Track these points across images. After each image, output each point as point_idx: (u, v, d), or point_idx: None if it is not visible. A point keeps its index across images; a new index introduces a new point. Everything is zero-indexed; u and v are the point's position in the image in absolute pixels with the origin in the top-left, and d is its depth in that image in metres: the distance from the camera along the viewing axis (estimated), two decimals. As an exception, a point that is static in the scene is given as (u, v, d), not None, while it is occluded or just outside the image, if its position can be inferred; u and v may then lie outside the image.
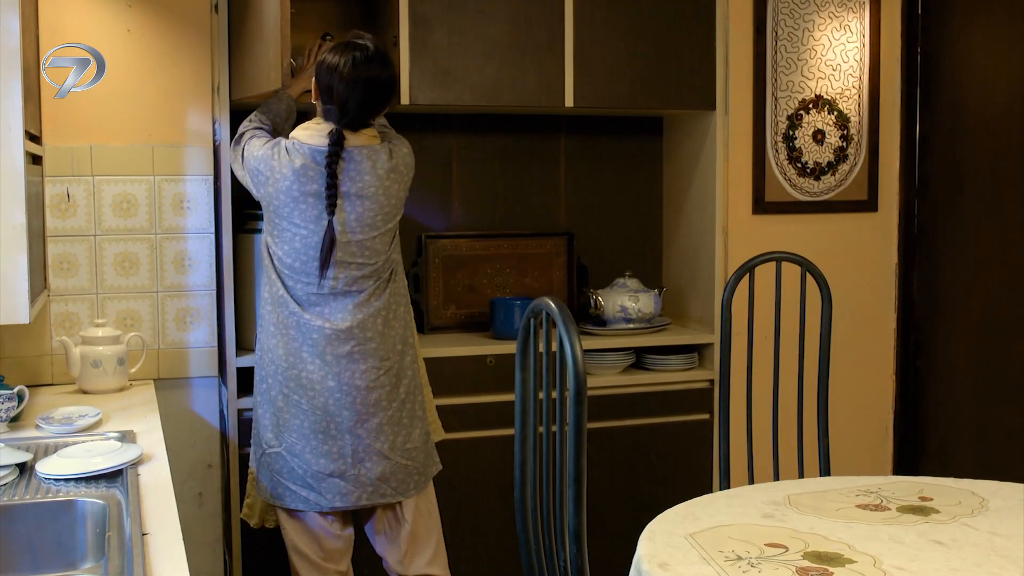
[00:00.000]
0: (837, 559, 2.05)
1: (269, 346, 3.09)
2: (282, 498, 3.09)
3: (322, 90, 3.04)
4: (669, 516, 2.32)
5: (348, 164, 3.00)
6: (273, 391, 3.07)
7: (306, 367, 3.03)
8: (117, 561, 1.84)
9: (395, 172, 3.08)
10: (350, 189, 3.00)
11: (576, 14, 3.84)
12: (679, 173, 4.35)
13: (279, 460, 3.08)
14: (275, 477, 3.09)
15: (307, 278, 3.02)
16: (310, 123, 3.07)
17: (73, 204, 3.46)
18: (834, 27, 4.34)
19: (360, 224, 3.03)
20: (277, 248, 3.04)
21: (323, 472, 3.04)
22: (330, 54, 3.03)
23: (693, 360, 4.10)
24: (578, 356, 2.21)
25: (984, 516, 2.33)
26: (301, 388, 3.03)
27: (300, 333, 3.03)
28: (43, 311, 3.41)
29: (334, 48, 3.04)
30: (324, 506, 3.07)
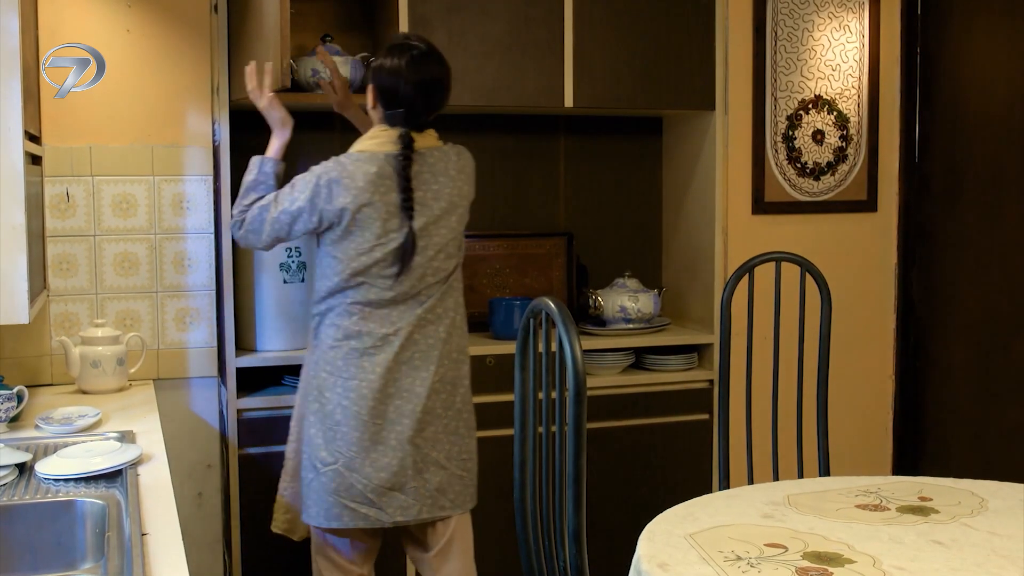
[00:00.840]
0: (837, 559, 2.05)
1: (326, 359, 3.00)
2: (339, 518, 2.98)
3: (385, 95, 2.99)
4: (669, 516, 2.32)
5: (420, 167, 2.98)
6: (329, 405, 2.98)
7: (367, 376, 2.96)
8: (117, 561, 1.84)
9: (463, 173, 3.08)
10: (425, 193, 2.98)
11: (576, 14, 3.84)
12: (679, 173, 4.35)
13: (336, 478, 2.97)
14: (330, 498, 2.98)
15: (378, 285, 2.96)
16: (373, 131, 3.02)
17: (73, 204, 3.46)
18: (833, 27, 4.34)
19: (436, 227, 3.00)
20: (344, 256, 2.96)
21: (383, 486, 2.97)
22: (386, 58, 2.99)
23: (693, 360, 4.10)
24: (577, 356, 2.21)
25: (984, 516, 2.33)
26: (361, 398, 2.96)
27: (361, 341, 2.98)
28: (43, 311, 3.41)
29: (388, 51, 3.00)
30: (386, 522, 2.99)
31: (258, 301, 3.62)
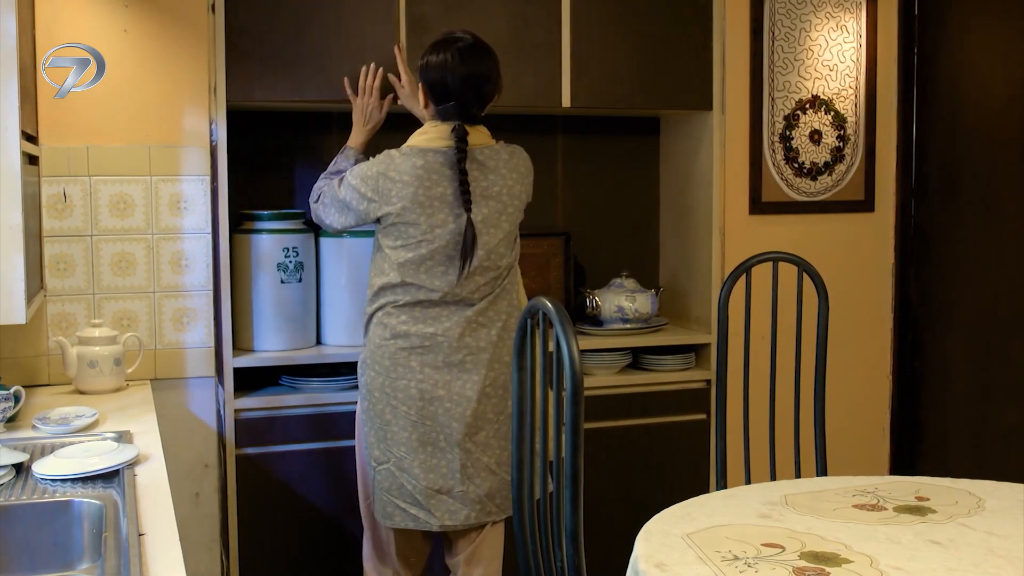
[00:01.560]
0: (834, 559, 2.05)
1: (375, 357, 3.03)
2: (391, 517, 3.04)
3: (435, 90, 3.04)
4: (666, 516, 2.32)
5: (470, 164, 3.01)
6: (379, 404, 3.01)
7: (414, 376, 2.98)
8: (114, 561, 1.84)
9: (516, 172, 3.11)
10: (475, 189, 2.99)
11: (573, 14, 3.84)
12: (676, 173, 4.35)
13: (389, 477, 3.02)
14: (384, 496, 3.03)
15: (431, 283, 2.98)
16: (425, 128, 3.08)
17: (70, 204, 3.46)
18: (831, 27, 4.34)
19: (486, 226, 3.01)
20: (392, 252, 3.00)
21: (432, 488, 2.99)
22: (432, 54, 3.04)
23: (690, 360, 4.10)
24: (575, 356, 2.21)
25: (981, 516, 2.33)
26: (409, 399, 2.98)
27: (408, 341, 2.99)
28: (40, 311, 3.41)
29: (434, 47, 3.05)
30: (434, 525, 3.01)
31: (256, 301, 3.62)
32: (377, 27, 3.64)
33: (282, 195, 3.97)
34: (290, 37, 3.54)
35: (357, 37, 3.62)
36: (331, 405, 3.58)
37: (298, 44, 3.55)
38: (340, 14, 3.59)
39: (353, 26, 3.62)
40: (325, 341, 3.77)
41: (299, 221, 3.72)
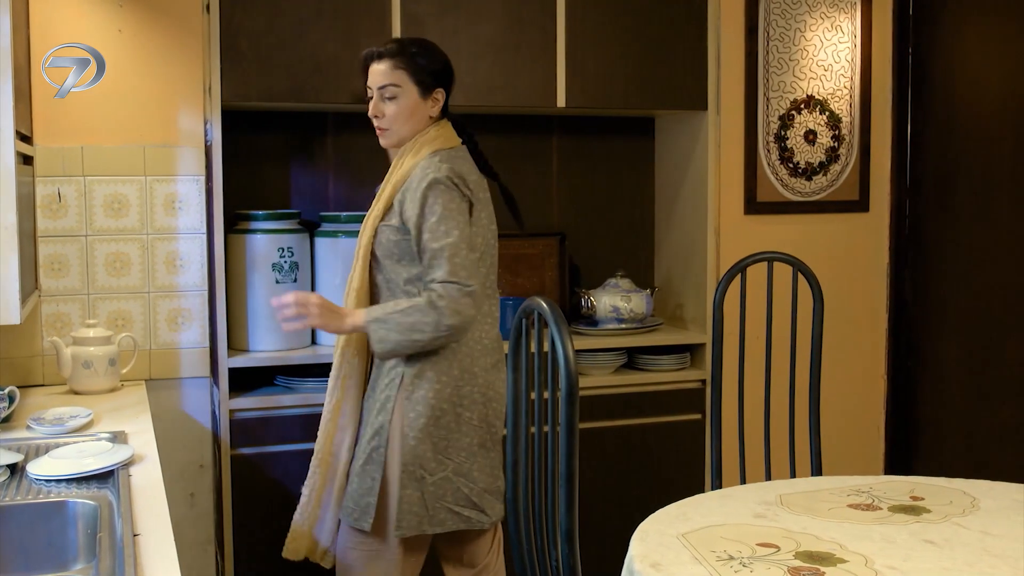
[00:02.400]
0: (829, 559, 2.05)
1: (441, 368, 2.92)
2: (442, 523, 2.93)
3: (446, 81, 3.07)
4: (661, 516, 2.32)
5: None
6: (446, 417, 2.91)
7: (476, 380, 2.95)
8: (108, 562, 1.84)
9: None
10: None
11: (568, 15, 3.84)
12: (671, 173, 4.35)
13: (443, 485, 2.92)
14: (435, 504, 2.92)
15: (483, 284, 2.97)
16: (442, 128, 3.04)
17: (64, 204, 3.45)
18: (826, 27, 4.35)
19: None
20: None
21: (486, 488, 2.97)
22: (440, 56, 3.06)
23: (685, 360, 4.11)
24: (570, 356, 2.21)
25: (975, 515, 2.33)
26: (474, 404, 2.94)
27: (467, 346, 2.95)
28: (34, 312, 3.40)
29: (433, 49, 3.05)
30: (486, 523, 2.98)
31: (251, 301, 3.62)
32: (372, 26, 3.63)
33: (277, 195, 3.97)
34: (285, 37, 3.54)
35: (352, 37, 3.62)
36: (326, 405, 3.58)
37: (293, 44, 3.55)
38: (335, 14, 3.59)
39: (348, 26, 3.61)
40: (320, 341, 3.77)
41: (294, 221, 3.72)
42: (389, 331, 2.83)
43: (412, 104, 2.98)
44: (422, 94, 2.99)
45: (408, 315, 2.83)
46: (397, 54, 2.97)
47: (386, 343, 2.84)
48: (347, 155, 4.06)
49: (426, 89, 2.99)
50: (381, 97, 2.98)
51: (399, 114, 2.97)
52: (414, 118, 2.99)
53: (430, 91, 3.00)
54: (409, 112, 2.98)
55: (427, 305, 2.82)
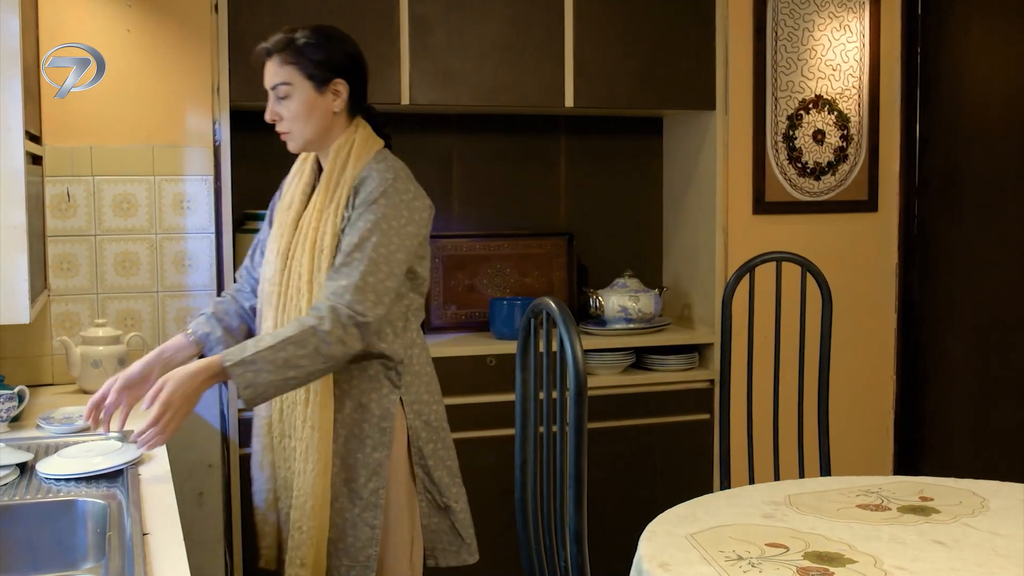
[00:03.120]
0: (838, 559, 2.05)
1: (433, 387, 2.77)
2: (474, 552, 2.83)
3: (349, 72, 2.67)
4: (669, 516, 2.32)
5: None
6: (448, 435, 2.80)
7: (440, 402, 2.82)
8: (118, 561, 1.84)
9: None
10: None
11: (576, 14, 3.84)
12: (679, 173, 4.35)
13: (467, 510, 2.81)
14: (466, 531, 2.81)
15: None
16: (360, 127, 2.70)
17: (73, 204, 3.46)
18: (834, 27, 4.34)
19: None
20: (423, 271, 2.72)
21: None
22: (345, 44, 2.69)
23: (693, 360, 4.10)
24: (579, 356, 2.21)
25: (985, 516, 2.33)
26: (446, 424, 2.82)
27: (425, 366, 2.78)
28: (43, 311, 3.41)
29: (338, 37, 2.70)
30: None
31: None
32: (379, 26, 3.64)
33: (285, 195, 3.97)
34: (293, 37, 3.54)
35: (359, 37, 3.61)
36: (334, 405, 3.58)
37: (301, 44, 3.55)
38: (342, 14, 3.59)
39: (355, 26, 3.61)
40: (328, 341, 3.76)
41: (302, 221, 3.72)
42: (259, 373, 2.39)
43: (308, 101, 2.61)
44: (317, 88, 2.62)
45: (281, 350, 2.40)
46: (284, 48, 2.63)
47: (255, 387, 2.39)
48: (355, 155, 4.06)
49: (320, 83, 2.61)
50: (275, 98, 2.63)
51: (297, 114, 2.61)
52: (314, 116, 2.62)
53: (326, 84, 2.62)
54: (307, 111, 2.61)
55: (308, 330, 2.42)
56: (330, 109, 2.63)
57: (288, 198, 2.72)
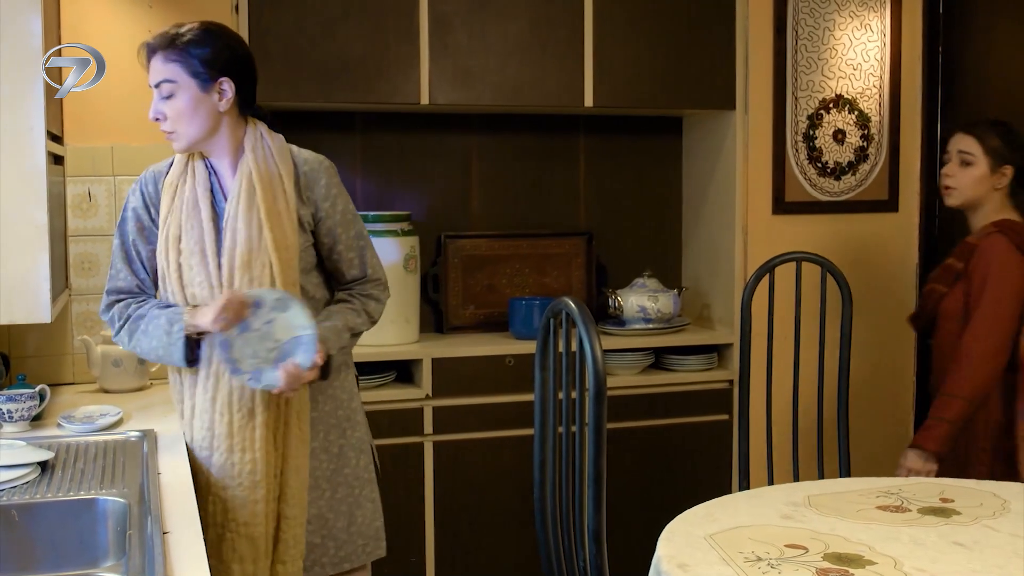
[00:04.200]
0: (857, 560, 2.04)
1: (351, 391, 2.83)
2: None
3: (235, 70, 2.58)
4: (688, 517, 2.32)
5: None
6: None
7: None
8: (138, 560, 1.85)
9: None
10: None
11: (596, 14, 3.84)
12: (699, 173, 4.35)
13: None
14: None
15: None
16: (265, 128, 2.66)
17: (94, 204, 3.48)
18: (855, 26, 4.32)
19: None
20: None
21: None
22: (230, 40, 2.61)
23: (712, 360, 4.10)
24: (598, 356, 2.21)
25: (1006, 518, 2.32)
26: None
27: None
28: (65, 310, 3.43)
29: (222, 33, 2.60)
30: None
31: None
32: (400, 26, 3.64)
33: (305, 195, 3.98)
34: (313, 37, 3.55)
35: (380, 37, 3.63)
36: (353, 404, 3.59)
37: (321, 44, 3.57)
38: (363, 14, 3.60)
39: (376, 26, 3.63)
40: (348, 340, 3.77)
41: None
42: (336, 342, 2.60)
43: (192, 100, 2.54)
44: (202, 87, 2.54)
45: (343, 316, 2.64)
46: (168, 46, 2.54)
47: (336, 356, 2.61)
48: (375, 154, 4.07)
49: (205, 81, 2.54)
50: (159, 96, 2.58)
51: (181, 113, 2.55)
52: (199, 115, 2.55)
53: (211, 83, 2.54)
54: (191, 110, 2.54)
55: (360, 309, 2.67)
56: (216, 108, 2.56)
57: (188, 202, 2.58)
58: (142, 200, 2.63)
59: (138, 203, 2.63)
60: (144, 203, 2.63)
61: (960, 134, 3.29)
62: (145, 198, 2.64)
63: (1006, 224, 3.18)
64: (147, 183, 2.65)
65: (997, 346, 3.08)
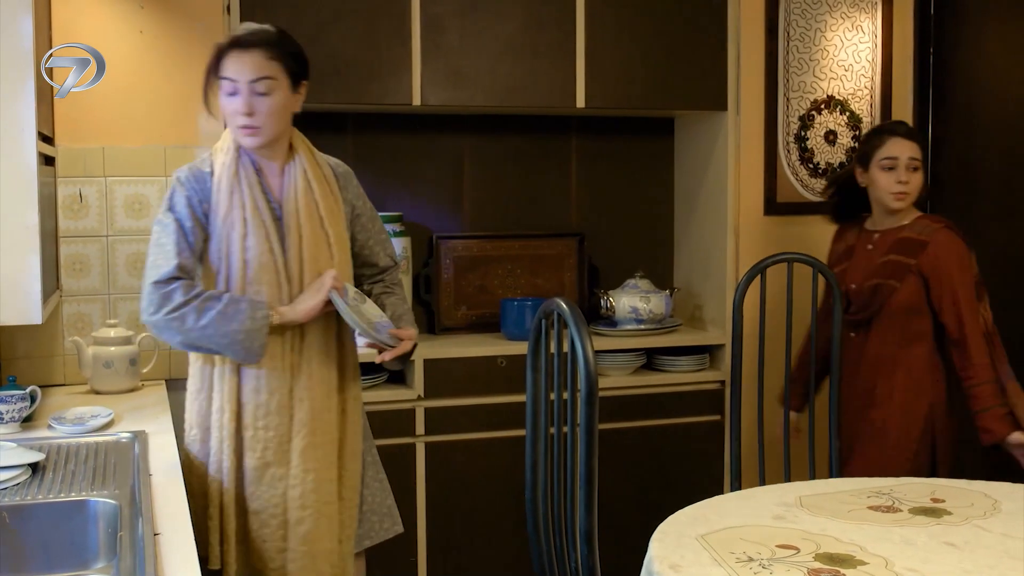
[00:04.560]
0: (849, 561, 2.04)
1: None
2: None
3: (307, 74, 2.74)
4: (680, 517, 2.32)
5: None
6: None
7: None
8: (129, 561, 1.85)
9: None
10: None
11: (588, 15, 3.84)
12: (690, 174, 4.35)
13: None
14: None
15: None
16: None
17: (85, 205, 3.47)
18: (846, 27, 4.33)
19: None
20: None
21: None
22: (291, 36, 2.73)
23: (704, 361, 4.10)
24: (589, 357, 2.21)
25: (996, 518, 2.32)
26: None
27: None
28: (56, 311, 3.42)
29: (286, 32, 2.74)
30: None
31: (270, 301, 3.62)
32: (392, 27, 3.64)
33: (297, 196, 3.97)
34: (305, 38, 3.54)
35: (372, 39, 3.63)
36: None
37: (314, 45, 3.55)
38: (355, 16, 3.60)
39: (368, 27, 3.62)
40: (339, 341, 3.77)
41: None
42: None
43: (284, 99, 2.62)
44: (292, 87, 2.65)
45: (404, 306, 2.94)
46: (273, 43, 2.63)
47: None
48: (367, 155, 4.07)
49: (295, 82, 2.65)
50: (253, 92, 2.57)
51: (273, 110, 2.60)
52: (285, 114, 2.65)
53: (298, 85, 2.68)
54: (282, 108, 2.62)
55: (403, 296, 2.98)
56: (294, 109, 2.68)
57: (249, 200, 2.62)
58: (193, 197, 2.63)
59: (189, 198, 2.63)
60: (196, 199, 2.63)
61: (902, 140, 3.41)
62: (194, 195, 2.63)
63: (940, 219, 3.42)
64: (191, 181, 2.65)
65: (980, 332, 3.31)
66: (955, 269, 3.28)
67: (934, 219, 3.42)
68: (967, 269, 3.31)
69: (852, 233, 3.55)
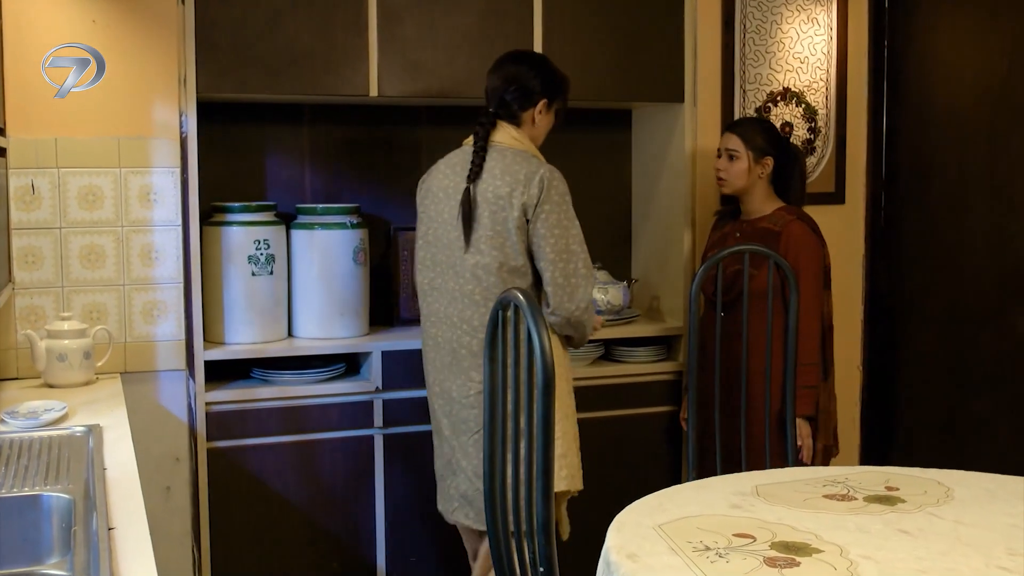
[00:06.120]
0: (804, 549, 2.06)
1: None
2: None
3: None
4: (638, 507, 2.33)
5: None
6: None
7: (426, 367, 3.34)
8: (83, 556, 1.83)
9: (507, 174, 3.23)
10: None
11: (545, 7, 3.83)
12: (648, 165, 4.36)
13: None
14: None
15: None
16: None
17: (38, 196, 3.43)
18: (802, 20, 4.36)
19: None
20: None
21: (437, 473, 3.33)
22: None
23: (662, 352, 4.11)
24: (546, 348, 2.21)
25: (949, 505, 2.35)
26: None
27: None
28: (8, 304, 3.38)
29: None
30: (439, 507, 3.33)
31: (226, 293, 3.60)
32: (348, 18, 3.62)
33: (253, 187, 3.95)
34: (260, 29, 3.52)
35: (327, 29, 3.60)
36: (303, 398, 3.58)
37: (269, 36, 3.54)
38: (310, 6, 3.57)
39: (323, 18, 3.60)
40: (296, 334, 3.76)
41: (270, 213, 3.71)
42: None
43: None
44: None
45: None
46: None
47: None
48: (323, 147, 4.05)
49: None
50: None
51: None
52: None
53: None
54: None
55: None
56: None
57: None
58: None
59: None
60: None
61: (727, 133, 3.80)
62: None
63: (796, 211, 3.72)
64: None
65: (818, 318, 3.58)
66: (801, 259, 3.55)
67: (789, 210, 3.70)
68: (812, 261, 3.59)
69: (728, 222, 3.84)
